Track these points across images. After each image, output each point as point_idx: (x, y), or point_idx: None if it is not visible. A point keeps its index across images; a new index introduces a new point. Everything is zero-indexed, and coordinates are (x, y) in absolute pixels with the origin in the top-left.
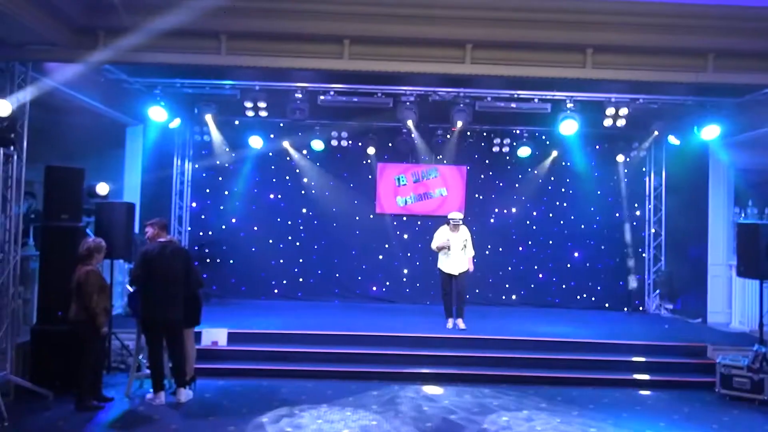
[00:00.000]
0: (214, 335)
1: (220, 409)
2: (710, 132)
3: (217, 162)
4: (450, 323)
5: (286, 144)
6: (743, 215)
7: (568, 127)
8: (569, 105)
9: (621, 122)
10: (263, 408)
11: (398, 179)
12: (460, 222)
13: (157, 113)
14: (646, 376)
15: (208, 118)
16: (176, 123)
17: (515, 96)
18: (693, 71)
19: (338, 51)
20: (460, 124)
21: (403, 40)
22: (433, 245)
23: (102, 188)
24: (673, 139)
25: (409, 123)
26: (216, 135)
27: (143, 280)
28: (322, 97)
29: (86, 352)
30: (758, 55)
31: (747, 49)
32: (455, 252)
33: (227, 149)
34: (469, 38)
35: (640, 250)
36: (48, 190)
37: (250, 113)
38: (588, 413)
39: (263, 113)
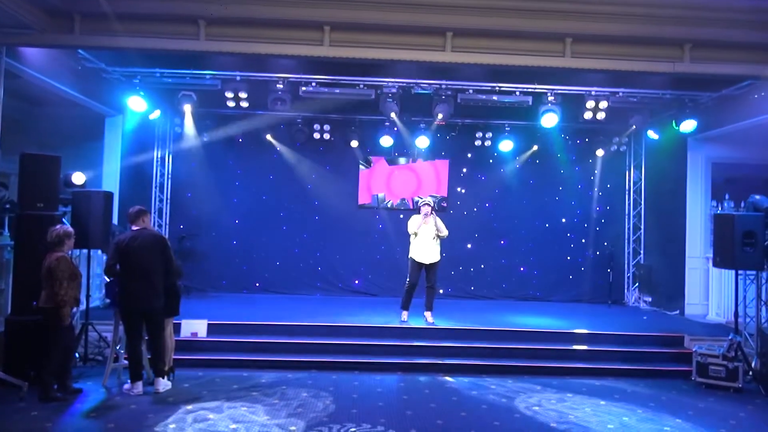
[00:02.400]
0: (194, 326)
1: (198, 399)
2: (688, 126)
3: (198, 155)
4: (404, 316)
5: (268, 137)
6: (720, 209)
7: (549, 120)
8: (550, 98)
9: (601, 115)
10: (242, 397)
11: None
12: (430, 206)
13: (137, 103)
14: (624, 366)
15: (186, 108)
16: (156, 114)
17: (497, 89)
18: (670, 61)
19: (318, 38)
20: (440, 116)
21: (384, 27)
22: (410, 229)
23: (78, 177)
24: (652, 134)
25: (393, 115)
26: (190, 127)
27: (118, 270)
28: (303, 88)
29: (52, 341)
30: (733, 46)
31: (723, 40)
32: (427, 240)
33: (208, 141)
34: (449, 26)
35: (619, 243)
36: (23, 178)
37: (231, 104)
38: (567, 401)
39: (244, 104)
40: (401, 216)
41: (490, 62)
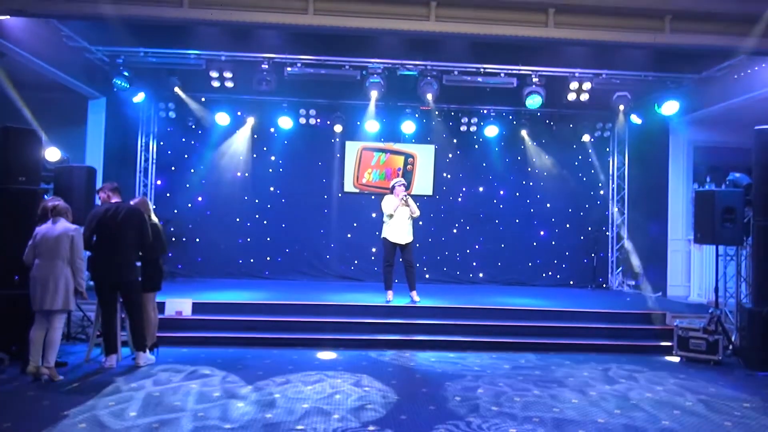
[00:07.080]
0: (179, 305)
1: (180, 372)
2: (670, 107)
3: (183, 139)
4: (389, 295)
5: (253, 121)
6: None
7: (534, 101)
8: (535, 79)
9: (584, 97)
10: (227, 369)
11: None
12: (406, 186)
13: (121, 83)
14: (607, 342)
15: (178, 90)
16: (140, 98)
17: (482, 70)
18: (650, 32)
19: (303, 7)
20: (430, 96)
21: None
22: (388, 210)
23: (52, 154)
24: (635, 119)
25: (374, 94)
26: (190, 103)
27: (93, 242)
28: (289, 69)
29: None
30: (713, 18)
31: (703, 11)
32: (402, 220)
33: (193, 126)
34: None
35: (603, 228)
36: (4, 152)
37: (216, 84)
38: (550, 374)
39: (229, 84)
40: None
41: (473, 32)
